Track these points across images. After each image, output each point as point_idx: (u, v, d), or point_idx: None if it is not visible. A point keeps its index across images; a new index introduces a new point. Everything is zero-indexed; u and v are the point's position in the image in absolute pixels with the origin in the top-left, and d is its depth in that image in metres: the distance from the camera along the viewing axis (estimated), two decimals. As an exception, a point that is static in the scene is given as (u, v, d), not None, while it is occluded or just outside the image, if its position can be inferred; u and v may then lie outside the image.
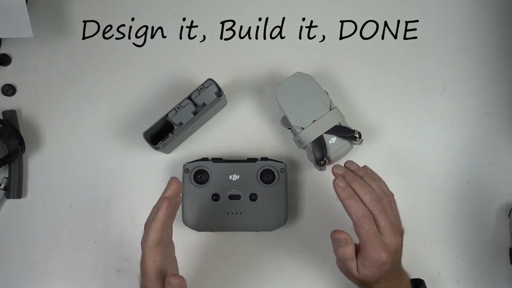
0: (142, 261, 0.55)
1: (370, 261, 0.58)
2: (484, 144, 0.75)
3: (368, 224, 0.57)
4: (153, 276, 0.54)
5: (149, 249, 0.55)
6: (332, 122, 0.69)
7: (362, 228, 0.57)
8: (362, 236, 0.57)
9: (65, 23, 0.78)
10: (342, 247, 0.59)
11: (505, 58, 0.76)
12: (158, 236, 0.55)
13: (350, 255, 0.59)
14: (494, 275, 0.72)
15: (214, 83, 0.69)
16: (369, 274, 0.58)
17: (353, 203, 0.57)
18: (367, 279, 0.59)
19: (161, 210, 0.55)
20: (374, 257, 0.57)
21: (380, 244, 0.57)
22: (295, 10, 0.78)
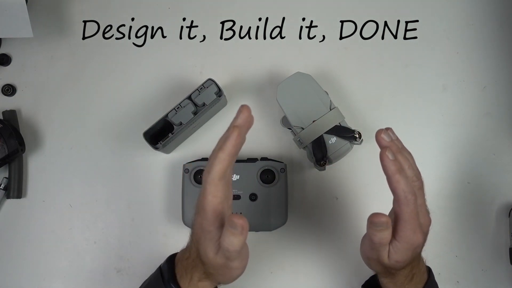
0: (202, 195, 0.49)
1: (406, 244, 0.53)
2: (484, 144, 0.75)
3: (414, 202, 0.52)
4: (211, 213, 0.49)
5: (212, 181, 0.49)
6: (332, 122, 0.69)
7: (408, 206, 0.52)
8: (405, 216, 0.52)
9: (65, 23, 0.78)
10: (381, 232, 0.52)
11: (505, 58, 0.76)
12: (224, 168, 0.49)
13: (388, 239, 0.53)
14: (494, 275, 0.72)
15: (214, 83, 0.69)
16: (400, 260, 0.54)
17: (402, 179, 0.52)
18: (397, 265, 0.55)
19: (230, 139, 0.49)
20: (411, 239, 0.53)
21: (418, 225, 0.53)
22: (295, 10, 0.78)
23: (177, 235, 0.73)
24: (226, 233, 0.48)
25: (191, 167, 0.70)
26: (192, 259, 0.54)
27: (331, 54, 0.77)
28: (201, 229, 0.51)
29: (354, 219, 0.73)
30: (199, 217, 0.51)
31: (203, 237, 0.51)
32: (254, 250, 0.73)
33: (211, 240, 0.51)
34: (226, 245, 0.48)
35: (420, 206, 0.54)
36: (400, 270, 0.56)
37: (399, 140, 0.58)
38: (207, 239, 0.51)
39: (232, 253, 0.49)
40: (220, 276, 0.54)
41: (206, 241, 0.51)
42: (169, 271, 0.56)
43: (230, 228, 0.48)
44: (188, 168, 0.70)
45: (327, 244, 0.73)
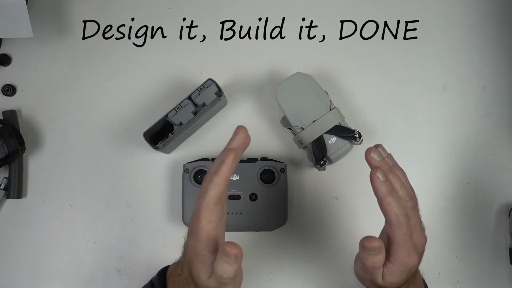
0: (196, 219, 0.49)
1: (400, 266, 0.52)
2: (484, 144, 0.75)
3: (406, 225, 0.50)
4: (205, 237, 0.49)
5: (207, 207, 0.48)
6: (332, 122, 0.69)
7: (401, 229, 0.50)
8: (398, 239, 0.51)
9: (65, 23, 0.78)
10: (374, 256, 0.51)
11: (505, 58, 0.76)
12: (219, 192, 0.48)
13: (382, 263, 0.51)
14: (494, 275, 0.72)
15: (214, 83, 0.69)
16: (395, 281, 0.53)
17: (393, 201, 0.50)
18: (392, 287, 0.54)
19: (225, 164, 0.48)
20: (405, 261, 0.52)
21: (413, 247, 0.52)
22: (295, 10, 0.78)
23: (177, 235, 0.73)
24: (220, 261, 0.47)
25: (191, 167, 0.70)
26: (184, 277, 0.53)
27: (331, 54, 0.77)
28: (193, 252, 0.50)
29: (354, 219, 0.74)
30: (192, 239, 0.50)
31: (196, 259, 0.50)
32: (254, 250, 0.73)
33: (204, 264, 0.50)
34: (220, 272, 0.48)
35: (414, 226, 0.53)
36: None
37: (390, 157, 0.56)
38: (199, 262, 0.50)
39: (226, 280, 0.49)
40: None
41: (198, 264, 0.50)
42: (160, 286, 0.55)
43: (223, 257, 0.47)
44: (188, 168, 0.70)
45: (327, 244, 0.73)
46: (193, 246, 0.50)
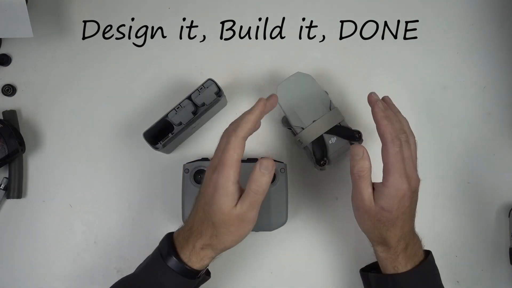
0: (224, 151, 0.55)
1: (391, 189, 0.56)
2: (484, 144, 0.75)
3: (399, 146, 0.56)
4: (229, 167, 0.54)
5: (237, 138, 0.55)
6: (332, 122, 0.69)
7: (393, 148, 0.56)
8: (391, 159, 0.56)
9: (65, 23, 0.78)
10: (359, 162, 0.57)
11: (505, 58, 0.76)
12: (249, 128, 0.56)
13: (366, 171, 0.57)
14: (494, 275, 0.72)
15: (214, 83, 0.69)
16: (386, 206, 0.56)
17: (389, 124, 0.57)
18: (384, 216, 0.57)
19: (258, 105, 0.57)
20: (397, 184, 0.56)
21: (405, 172, 0.56)
22: (295, 10, 0.78)
23: (177, 235, 0.73)
24: (256, 175, 0.54)
25: (191, 167, 0.70)
26: (196, 226, 0.57)
27: (331, 54, 0.77)
28: (214, 187, 0.54)
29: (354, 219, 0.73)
30: (215, 175, 0.54)
31: (218, 194, 0.54)
32: (254, 250, 0.73)
33: (227, 195, 0.54)
34: (256, 187, 0.54)
35: (407, 159, 0.57)
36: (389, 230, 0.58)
37: (395, 106, 0.64)
38: (222, 195, 0.54)
39: (258, 196, 0.54)
40: (228, 236, 0.56)
41: (221, 198, 0.54)
42: (168, 245, 0.58)
43: (261, 170, 0.54)
44: (188, 168, 0.70)
45: (327, 244, 0.73)
46: (215, 181, 0.54)
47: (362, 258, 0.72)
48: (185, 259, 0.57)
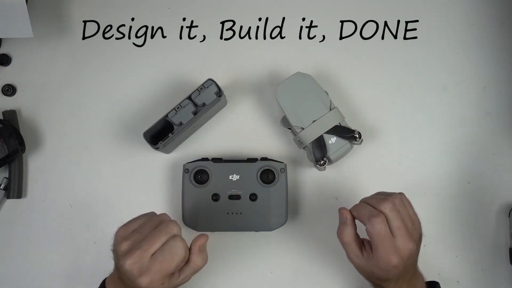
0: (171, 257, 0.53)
1: (380, 264, 0.55)
2: (484, 144, 0.75)
3: (379, 223, 0.54)
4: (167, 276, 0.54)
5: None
6: (332, 122, 0.69)
7: (373, 228, 0.54)
8: (374, 238, 0.55)
9: (65, 23, 0.78)
10: (341, 226, 0.58)
11: (505, 58, 0.76)
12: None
13: (347, 237, 0.57)
14: (494, 275, 0.72)
15: (214, 83, 0.69)
16: (377, 273, 0.57)
17: (359, 208, 0.57)
18: (376, 275, 0.57)
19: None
20: (385, 260, 0.55)
21: (392, 247, 0.55)
22: (295, 10, 0.78)
23: (177, 235, 0.73)
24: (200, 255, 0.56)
25: (191, 167, 0.70)
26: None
27: (331, 54, 0.77)
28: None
29: (354, 219, 0.73)
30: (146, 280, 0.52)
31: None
32: (254, 250, 0.73)
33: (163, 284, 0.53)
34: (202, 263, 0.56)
35: (397, 229, 0.55)
36: (383, 282, 0.58)
37: None
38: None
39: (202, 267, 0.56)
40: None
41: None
42: None
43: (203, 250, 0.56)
44: (188, 168, 0.70)
45: (327, 244, 0.73)
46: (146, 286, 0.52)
47: (362, 258, 0.72)
48: None
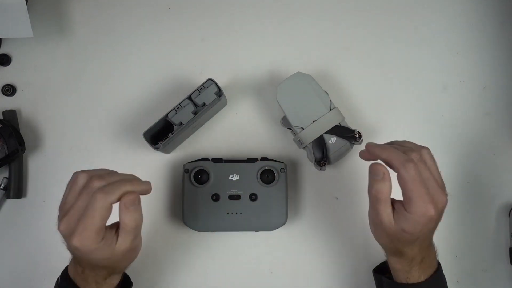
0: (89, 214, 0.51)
1: (415, 216, 0.51)
2: (484, 144, 0.75)
3: (414, 168, 0.50)
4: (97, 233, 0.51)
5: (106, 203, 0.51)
6: (332, 122, 0.69)
7: (408, 173, 0.50)
8: (408, 185, 0.50)
9: (65, 23, 0.78)
10: (378, 183, 0.52)
11: (505, 58, 0.76)
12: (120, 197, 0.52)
13: (385, 194, 0.52)
14: (494, 275, 0.72)
15: (214, 83, 0.69)
16: (408, 229, 0.52)
17: (392, 151, 0.52)
18: (404, 237, 0.53)
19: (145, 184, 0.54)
20: (422, 209, 0.51)
21: (428, 196, 0.51)
22: (295, 10, 0.78)
23: (177, 235, 0.73)
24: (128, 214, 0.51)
25: (191, 167, 0.70)
26: (89, 269, 0.55)
27: (331, 54, 0.77)
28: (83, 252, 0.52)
29: (354, 219, 0.73)
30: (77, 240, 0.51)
31: (91, 255, 0.52)
32: (254, 250, 0.73)
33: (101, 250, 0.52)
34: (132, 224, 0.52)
35: (427, 179, 0.52)
36: (407, 245, 0.54)
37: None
38: (96, 253, 0.52)
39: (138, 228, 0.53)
40: (124, 263, 0.57)
41: (96, 254, 0.52)
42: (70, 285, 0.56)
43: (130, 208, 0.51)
44: (188, 168, 0.70)
45: (327, 244, 0.73)
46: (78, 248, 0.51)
47: (362, 257, 0.72)
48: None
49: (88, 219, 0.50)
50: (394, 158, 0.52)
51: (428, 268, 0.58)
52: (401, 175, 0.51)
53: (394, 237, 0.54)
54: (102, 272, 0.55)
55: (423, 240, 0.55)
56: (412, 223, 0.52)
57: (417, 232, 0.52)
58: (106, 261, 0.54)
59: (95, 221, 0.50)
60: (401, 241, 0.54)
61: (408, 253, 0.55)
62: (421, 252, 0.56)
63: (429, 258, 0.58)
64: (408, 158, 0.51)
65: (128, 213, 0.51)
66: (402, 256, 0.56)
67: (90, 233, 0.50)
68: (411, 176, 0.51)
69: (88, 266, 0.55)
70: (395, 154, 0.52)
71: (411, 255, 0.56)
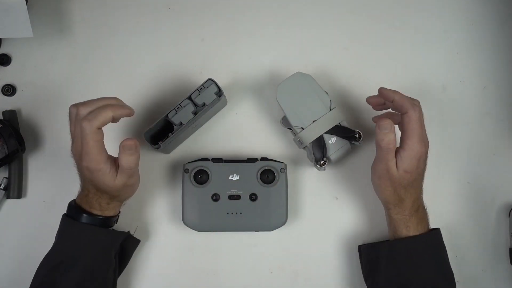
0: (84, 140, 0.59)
1: (411, 151, 0.61)
2: (484, 144, 0.75)
3: (419, 111, 0.62)
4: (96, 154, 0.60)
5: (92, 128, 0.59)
6: (332, 122, 0.69)
7: (415, 114, 0.61)
8: (412, 124, 0.61)
9: (65, 23, 0.78)
10: (387, 135, 0.61)
11: (505, 58, 0.76)
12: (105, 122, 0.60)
13: (393, 144, 0.61)
14: (494, 275, 0.72)
15: (214, 83, 0.69)
16: (408, 168, 0.62)
17: (402, 95, 0.63)
18: (405, 178, 0.62)
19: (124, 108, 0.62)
20: (417, 146, 0.61)
21: (423, 134, 0.62)
22: (295, 10, 0.78)
23: (177, 235, 0.73)
24: (124, 156, 0.60)
25: (191, 167, 0.70)
26: (93, 193, 0.63)
27: (331, 54, 0.77)
28: (90, 172, 0.61)
29: (354, 219, 0.74)
30: (85, 163, 0.60)
31: (96, 175, 0.61)
32: (254, 250, 0.73)
33: (104, 174, 0.61)
34: (126, 165, 0.61)
35: (423, 124, 0.63)
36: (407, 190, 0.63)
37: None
38: (100, 175, 0.61)
39: (132, 169, 0.62)
40: (123, 195, 0.65)
41: (100, 177, 0.61)
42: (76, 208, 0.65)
43: (126, 151, 0.60)
44: (188, 168, 0.70)
45: (327, 244, 0.73)
46: (88, 167, 0.60)
47: (362, 258, 0.72)
48: (98, 213, 0.64)
49: (85, 144, 0.59)
50: (405, 100, 0.62)
51: (423, 220, 0.65)
52: (409, 115, 0.62)
53: (397, 182, 0.63)
54: (104, 196, 0.64)
55: (418, 183, 0.64)
56: (409, 160, 0.62)
57: (414, 169, 0.62)
58: (108, 188, 0.62)
59: (90, 144, 0.59)
60: (402, 185, 0.63)
61: (408, 198, 0.63)
62: (417, 200, 0.65)
63: (423, 210, 0.66)
64: (416, 101, 0.63)
65: (125, 155, 0.60)
66: (402, 203, 0.64)
67: (93, 156, 0.60)
68: (417, 117, 0.62)
69: (93, 189, 0.63)
70: (405, 97, 0.63)
71: (411, 200, 0.64)
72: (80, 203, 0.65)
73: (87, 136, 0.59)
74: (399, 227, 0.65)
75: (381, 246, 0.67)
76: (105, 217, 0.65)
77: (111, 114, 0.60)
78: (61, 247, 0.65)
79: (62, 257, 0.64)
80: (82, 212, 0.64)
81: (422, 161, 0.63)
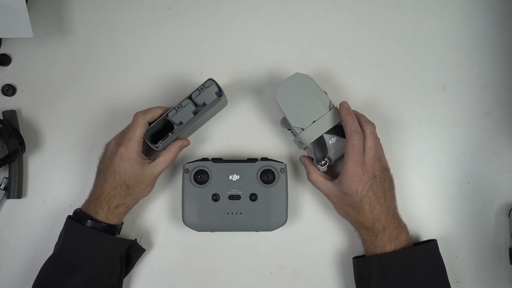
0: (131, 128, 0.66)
1: (347, 176, 0.64)
2: (484, 144, 0.75)
3: (357, 139, 0.64)
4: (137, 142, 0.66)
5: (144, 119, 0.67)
6: (332, 122, 0.69)
7: (351, 141, 0.64)
8: (348, 150, 0.64)
9: (65, 23, 0.78)
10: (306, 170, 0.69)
11: (505, 58, 0.76)
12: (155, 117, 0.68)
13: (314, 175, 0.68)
14: (494, 275, 0.72)
15: (214, 83, 0.69)
16: (346, 191, 0.64)
17: (351, 119, 0.65)
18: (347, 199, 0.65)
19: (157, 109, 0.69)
20: (352, 170, 0.64)
21: (360, 160, 0.64)
22: (295, 10, 0.78)
23: (177, 235, 0.73)
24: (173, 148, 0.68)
25: (191, 167, 0.70)
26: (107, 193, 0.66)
27: (331, 54, 0.77)
28: (122, 158, 0.65)
29: (354, 219, 0.73)
30: (123, 149, 0.65)
31: (128, 163, 0.65)
32: (254, 250, 0.73)
33: (137, 163, 0.66)
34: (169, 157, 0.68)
35: (369, 148, 0.65)
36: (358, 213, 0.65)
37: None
38: (132, 163, 0.66)
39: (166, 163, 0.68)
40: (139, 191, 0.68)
41: (132, 166, 0.66)
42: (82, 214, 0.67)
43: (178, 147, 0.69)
44: (188, 168, 0.70)
45: (327, 244, 0.73)
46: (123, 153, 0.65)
47: (362, 258, 0.72)
48: (102, 219, 0.66)
49: (132, 131, 0.66)
50: (348, 126, 0.65)
51: (395, 239, 0.65)
52: (346, 144, 0.65)
53: (343, 203, 0.66)
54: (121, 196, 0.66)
55: (369, 205, 0.64)
56: (346, 183, 0.64)
57: (354, 192, 0.64)
58: (132, 179, 0.66)
59: (137, 132, 0.66)
60: (350, 206, 0.65)
61: (364, 220, 0.65)
62: (378, 220, 0.64)
63: (394, 229, 0.65)
64: (357, 130, 0.65)
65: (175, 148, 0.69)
66: (363, 226, 0.65)
67: (133, 143, 0.66)
68: (352, 144, 0.64)
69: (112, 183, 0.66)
70: (350, 122, 0.65)
71: (369, 222, 0.65)
72: (86, 211, 0.67)
73: (137, 125, 0.66)
74: (368, 248, 0.66)
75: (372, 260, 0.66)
76: (108, 225, 0.66)
77: (160, 111, 0.68)
78: (67, 249, 0.65)
79: (67, 259, 0.65)
80: (88, 217, 0.66)
81: (363, 184, 0.64)
